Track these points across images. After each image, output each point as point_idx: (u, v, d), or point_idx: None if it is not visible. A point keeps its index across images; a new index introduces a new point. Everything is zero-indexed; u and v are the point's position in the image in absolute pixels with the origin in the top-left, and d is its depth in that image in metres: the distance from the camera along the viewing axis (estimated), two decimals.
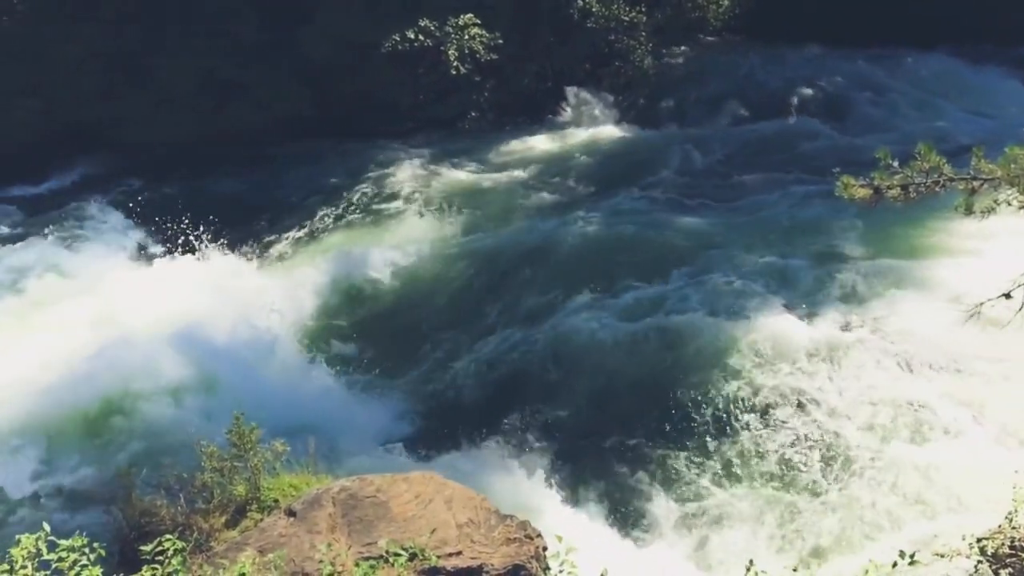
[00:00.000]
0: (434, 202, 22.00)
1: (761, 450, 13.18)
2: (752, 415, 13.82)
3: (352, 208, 22.37)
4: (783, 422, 13.58)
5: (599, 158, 24.74)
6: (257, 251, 20.40)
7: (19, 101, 25.49)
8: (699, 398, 14.12)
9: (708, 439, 13.47)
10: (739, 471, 12.90)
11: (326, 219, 21.79)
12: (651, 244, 18.89)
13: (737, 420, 13.75)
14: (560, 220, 20.57)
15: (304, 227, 21.42)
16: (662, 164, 23.81)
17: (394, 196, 22.67)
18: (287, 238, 21.01)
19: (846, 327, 15.35)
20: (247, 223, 21.58)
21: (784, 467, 12.88)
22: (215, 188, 24.07)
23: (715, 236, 18.99)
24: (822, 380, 14.29)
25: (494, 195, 22.49)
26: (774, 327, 15.27)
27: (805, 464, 12.87)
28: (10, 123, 25.17)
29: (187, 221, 20.74)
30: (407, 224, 21.24)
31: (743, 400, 14.05)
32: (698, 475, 12.87)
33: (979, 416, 13.32)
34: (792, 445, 13.18)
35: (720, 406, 13.96)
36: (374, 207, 22.29)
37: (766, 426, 13.57)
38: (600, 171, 23.89)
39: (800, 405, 13.87)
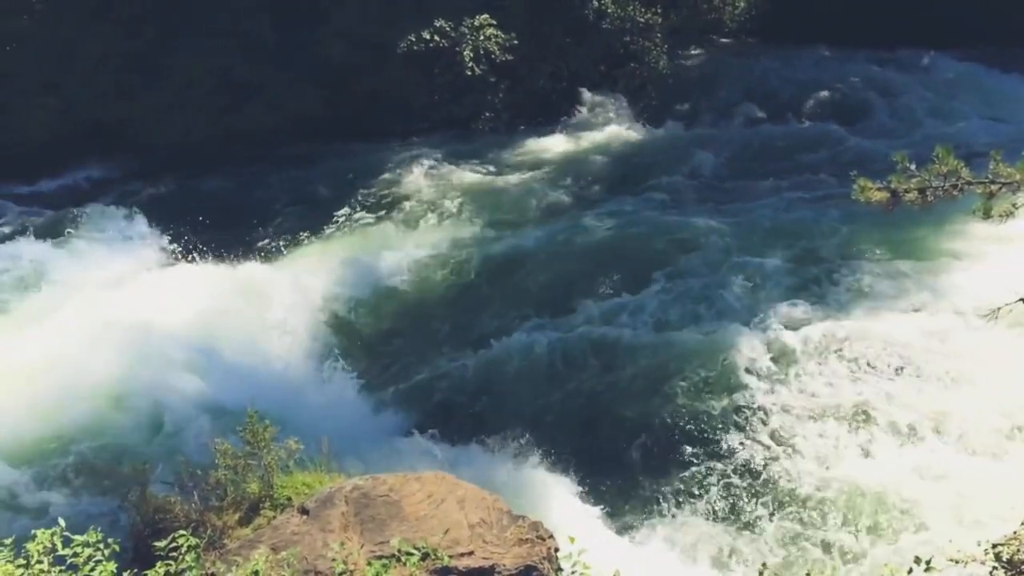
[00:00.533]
0: (446, 204, 21.99)
1: (702, 481, 12.63)
2: (688, 442, 13.29)
3: (365, 209, 22.39)
4: (727, 448, 13.06)
5: (611, 160, 24.71)
6: (267, 251, 20.41)
7: (38, 100, 25.65)
8: (645, 421, 13.77)
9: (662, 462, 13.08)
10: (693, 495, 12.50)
11: (339, 220, 21.81)
12: (655, 248, 18.84)
13: (673, 447, 13.26)
14: (567, 223, 20.66)
15: (316, 228, 21.41)
16: (674, 167, 23.80)
17: (406, 197, 22.68)
18: (299, 239, 21.00)
19: (806, 337, 14.99)
20: (259, 223, 21.63)
21: (722, 501, 12.26)
22: (228, 189, 24.14)
23: (712, 241, 18.83)
24: (774, 395, 13.89)
25: (505, 197, 22.47)
26: (735, 340, 14.98)
27: (745, 496, 12.27)
28: (29, 122, 25.36)
29: (198, 222, 20.81)
30: (418, 226, 21.23)
31: (680, 424, 13.59)
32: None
33: (938, 426, 13.02)
34: (735, 474, 12.63)
35: (659, 430, 13.57)
36: (387, 208, 22.32)
37: (707, 455, 13.01)
38: (611, 174, 23.86)
39: (746, 427, 13.38)
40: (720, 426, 13.48)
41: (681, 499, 12.36)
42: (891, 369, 14.26)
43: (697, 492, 12.47)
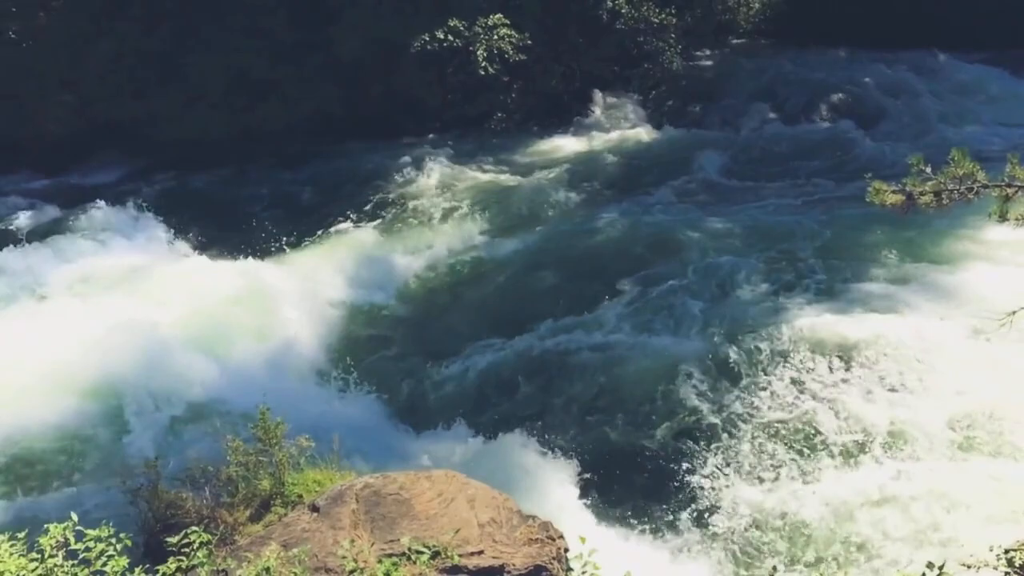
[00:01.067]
0: (456, 206, 21.99)
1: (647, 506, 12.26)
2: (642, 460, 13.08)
3: (376, 209, 22.41)
4: (669, 479, 12.68)
5: (621, 162, 24.65)
6: (278, 251, 20.41)
7: (55, 97, 25.82)
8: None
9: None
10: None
11: (351, 219, 21.84)
12: (649, 252, 18.80)
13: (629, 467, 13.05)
14: (569, 227, 20.75)
15: (326, 227, 21.41)
16: (683, 168, 23.69)
17: (417, 197, 22.71)
18: (310, 238, 21.01)
19: (761, 348, 14.70)
20: (270, 223, 21.67)
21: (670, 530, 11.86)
22: (241, 187, 24.25)
23: (700, 246, 18.71)
24: (722, 411, 13.61)
25: (513, 199, 22.39)
26: (685, 352, 14.85)
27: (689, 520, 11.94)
28: (46, 118, 25.53)
29: (210, 220, 20.87)
30: (428, 227, 21.23)
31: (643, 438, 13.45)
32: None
33: (893, 441, 12.65)
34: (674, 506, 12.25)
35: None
36: (397, 208, 22.33)
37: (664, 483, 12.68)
38: (619, 176, 23.80)
39: (693, 443, 13.10)
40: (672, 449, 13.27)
41: (621, 523, 11.98)
42: (846, 378, 13.93)
43: (643, 518, 12.08)
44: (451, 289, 18.73)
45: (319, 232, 21.17)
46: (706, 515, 12.04)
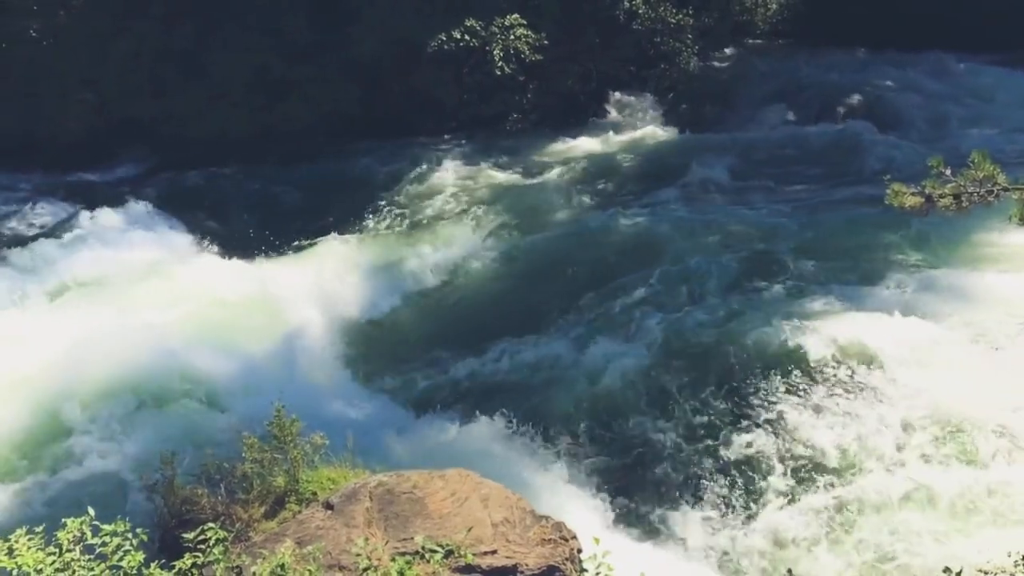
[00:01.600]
0: (470, 207, 22.01)
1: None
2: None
3: (389, 209, 22.48)
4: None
5: (632, 164, 24.59)
6: (292, 249, 20.49)
7: (75, 95, 25.99)
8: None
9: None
10: None
11: (363, 219, 21.90)
12: (656, 247, 18.70)
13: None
14: (574, 227, 20.71)
15: (341, 226, 21.45)
16: (696, 170, 23.45)
17: (430, 197, 22.79)
18: (325, 237, 21.05)
19: (731, 362, 14.24)
20: (288, 220, 21.79)
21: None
22: (258, 186, 24.36)
23: (698, 248, 18.53)
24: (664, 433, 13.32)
25: (526, 200, 22.37)
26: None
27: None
28: (67, 116, 25.71)
29: (226, 219, 20.96)
30: (441, 228, 21.25)
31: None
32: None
33: (839, 463, 12.28)
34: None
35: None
36: (409, 208, 22.40)
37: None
38: (628, 178, 23.73)
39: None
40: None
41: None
42: (803, 389, 13.58)
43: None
44: (463, 288, 18.76)
45: (332, 232, 21.20)
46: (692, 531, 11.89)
